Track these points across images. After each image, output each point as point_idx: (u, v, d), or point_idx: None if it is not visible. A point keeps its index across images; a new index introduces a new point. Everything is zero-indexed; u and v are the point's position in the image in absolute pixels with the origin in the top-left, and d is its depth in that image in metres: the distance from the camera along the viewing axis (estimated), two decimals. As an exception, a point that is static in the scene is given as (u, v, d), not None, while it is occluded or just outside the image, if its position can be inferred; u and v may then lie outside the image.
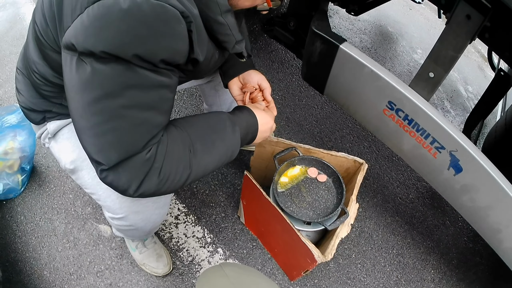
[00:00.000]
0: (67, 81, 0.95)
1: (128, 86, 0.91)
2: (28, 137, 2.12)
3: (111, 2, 0.83)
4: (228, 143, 1.21)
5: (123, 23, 0.84)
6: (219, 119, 1.22)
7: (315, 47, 1.65)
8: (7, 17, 3.39)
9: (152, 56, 0.90)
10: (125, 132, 0.96)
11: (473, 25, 1.28)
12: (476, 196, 1.48)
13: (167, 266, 1.91)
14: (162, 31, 0.88)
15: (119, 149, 0.97)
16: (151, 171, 1.01)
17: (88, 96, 0.92)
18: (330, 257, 1.49)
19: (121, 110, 0.93)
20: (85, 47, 0.87)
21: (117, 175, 0.99)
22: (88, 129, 0.96)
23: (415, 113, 1.45)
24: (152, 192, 1.05)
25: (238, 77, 1.49)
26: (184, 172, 1.08)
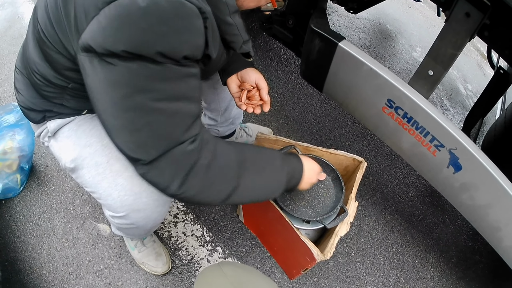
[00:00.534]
0: (91, 83, 0.96)
1: (156, 79, 0.93)
2: (26, 136, 2.12)
3: (128, 2, 0.83)
4: (276, 177, 1.27)
5: (143, 21, 0.85)
6: (271, 152, 1.29)
7: (314, 45, 1.65)
8: (5, 16, 3.39)
9: (174, 52, 0.91)
10: (160, 124, 0.97)
11: (473, 22, 1.29)
12: (475, 194, 1.48)
13: (166, 265, 1.91)
14: (182, 27, 0.89)
15: (157, 142, 0.98)
16: (196, 166, 1.03)
17: (118, 94, 0.93)
18: (329, 256, 1.49)
19: (153, 104, 0.94)
20: (105, 48, 0.87)
21: (158, 169, 1.01)
22: (122, 127, 0.97)
23: (414, 111, 1.45)
24: (193, 194, 1.07)
25: (237, 74, 1.50)
26: (231, 182, 1.12)
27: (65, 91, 1.21)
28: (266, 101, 1.47)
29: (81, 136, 1.32)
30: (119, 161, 1.29)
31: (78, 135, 1.32)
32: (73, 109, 1.30)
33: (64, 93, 1.22)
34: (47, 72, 1.17)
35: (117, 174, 1.29)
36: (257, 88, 1.48)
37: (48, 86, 1.21)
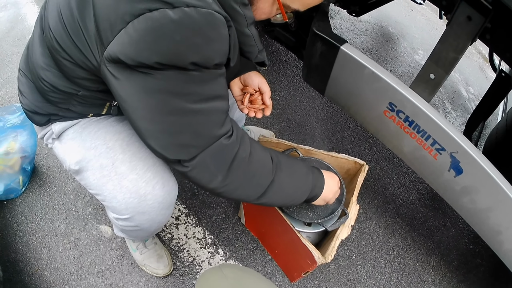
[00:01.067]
0: (122, 93, 0.98)
1: (192, 83, 0.96)
2: (29, 138, 2.13)
3: (158, 15, 0.85)
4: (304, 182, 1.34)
5: (177, 34, 0.86)
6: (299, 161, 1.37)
7: (316, 48, 1.65)
8: (8, 17, 3.40)
9: (207, 61, 0.94)
10: (200, 124, 1.02)
11: (474, 26, 1.29)
12: (476, 198, 1.48)
13: (168, 267, 1.91)
14: (214, 36, 0.92)
15: (198, 141, 1.03)
16: (237, 159, 1.09)
17: (155, 100, 0.96)
18: (330, 259, 1.49)
19: (191, 105, 0.98)
20: (138, 61, 0.89)
21: (202, 165, 1.06)
22: (161, 132, 1.01)
23: (416, 114, 1.45)
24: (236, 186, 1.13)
25: (239, 78, 1.50)
26: (268, 176, 1.18)
27: (72, 97, 1.22)
28: (268, 105, 1.48)
29: (86, 138, 1.32)
30: (124, 163, 1.30)
31: (83, 138, 1.33)
32: (79, 113, 1.31)
33: (71, 99, 1.23)
34: (56, 80, 1.17)
35: (122, 176, 1.29)
36: (260, 92, 1.48)
37: (54, 92, 1.21)
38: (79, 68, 1.08)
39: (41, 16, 1.18)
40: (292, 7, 1.11)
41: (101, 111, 1.33)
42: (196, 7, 0.86)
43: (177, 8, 0.85)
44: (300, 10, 1.14)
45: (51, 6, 1.10)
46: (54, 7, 1.07)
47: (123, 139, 1.33)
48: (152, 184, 1.30)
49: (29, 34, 3.18)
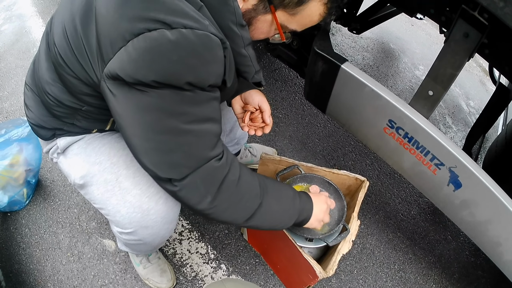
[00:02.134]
0: (119, 109, 1.00)
1: (187, 103, 0.98)
2: (34, 151, 2.15)
3: (157, 35, 0.88)
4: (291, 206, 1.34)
5: (174, 54, 0.89)
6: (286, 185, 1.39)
7: (317, 67, 1.67)
8: (13, 29, 3.44)
9: (202, 82, 0.97)
10: (192, 144, 1.03)
11: (471, 42, 1.31)
12: (475, 211, 1.50)
13: (171, 281, 1.92)
14: (209, 59, 0.95)
15: (189, 161, 1.04)
16: (227, 181, 1.10)
17: (150, 118, 0.98)
18: (331, 273, 1.50)
19: (185, 126, 1.00)
20: (136, 79, 0.92)
21: (191, 186, 1.06)
22: (154, 150, 1.02)
23: (415, 131, 1.47)
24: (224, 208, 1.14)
25: (240, 95, 1.52)
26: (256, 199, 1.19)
27: (77, 112, 1.24)
28: (267, 124, 1.49)
29: (91, 153, 1.35)
30: (128, 179, 1.32)
31: (87, 153, 1.35)
32: (83, 129, 1.33)
33: (76, 114, 1.25)
34: (61, 94, 1.19)
35: (126, 191, 1.31)
36: (260, 110, 1.50)
37: (60, 107, 1.23)
38: (82, 83, 1.10)
39: (47, 31, 1.21)
40: (290, 27, 1.14)
41: (105, 127, 1.35)
42: (193, 28, 0.90)
43: (174, 29, 0.88)
44: (297, 31, 1.17)
45: (56, 22, 1.13)
46: (59, 23, 1.10)
47: (127, 155, 1.35)
48: (155, 199, 1.32)
49: (34, 47, 3.22)
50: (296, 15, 1.10)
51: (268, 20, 1.11)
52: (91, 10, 0.99)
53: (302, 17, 1.11)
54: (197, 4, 0.97)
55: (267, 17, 1.10)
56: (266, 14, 1.09)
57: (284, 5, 1.08)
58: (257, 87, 1.33)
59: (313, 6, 1.08)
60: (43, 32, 1.25)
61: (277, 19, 1.10)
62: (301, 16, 1.10)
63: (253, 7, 1.08)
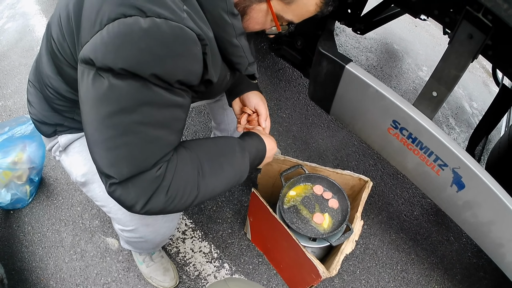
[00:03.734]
0: (83, 94, 0.97)
1: (143, 103, 0.93)
2: (37, 149, 2.16)
3: (131, 21, 0.86)
4: (237, 167, 1.24)
5: (142, 42, 0.87)
6: (228, 144, 1.25)
7: (321, 67, 1.67)
8: (16, 28, 3.45)
9: (169, 76, 0.92)
10: (138, 148, 0.97)
11: (475, 44, 1.31)
12: (478, 212, 1.50)
13: (174, 280, 1.92)
14: (180, 52, 0.91)
15: (131, 164, 0.98)
16: (159, 189, 1.02)
17: (104, 110, 0.94)
18: (334, 273, 1.50)
19: (135, 126, 0.95)
20: (104, 63, 0.89)
21: (126, 190, 1.00)
22: (101, 142, 0.98)
23: (419, 131, 1.47)
24: (158, 210, 1.06)
25: (240, 97, 1.51)
26: (191, 193, 1.10)
27: (76, 105, 1.24)
28: (263, 128, 1.47)
29: None
30: None
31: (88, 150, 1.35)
32: None
33: (75, 107, 1.25)
34: (60, 86, 1.19)
35: None
36: (257, 114, 1.48)
37: (60, 100, 1.23)
38: (73, 69, 1.10)
39: (47, 25, 1.21)
40: (286, 18, 1.10)
41: None
42: (167, 19, 0.88)
43: (149, 17, 0.87)
44: (294, 22, 1.13)
45: (54, 15, 1.14)
46: (56, 14, 1.11)
47: None
48: None
49: (37, 45, 3.23)
50: (292, 4, 1.06)
51: (263, 9, 1.08)
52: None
53: (298, 7, 1.07)
54: None
55: (262, 6, 1.07)
56: (261, 3, 1.06)
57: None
58: (251, 80, 1.30)
59: None
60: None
61: (272, 8, 1.07)
62: (296, 5, 1.07)
63: None
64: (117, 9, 0.87)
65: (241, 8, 1.05)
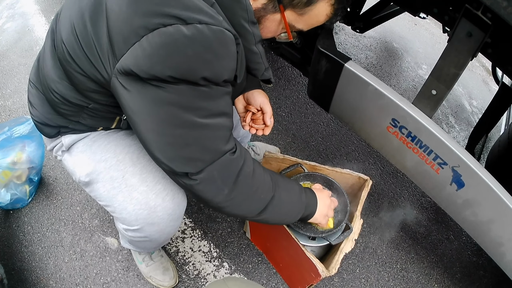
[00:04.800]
0: (133, 106, 1.00)
1: (202, 98, 0.99)
2: (37, 149, 2.16)
3: (173, 30, 0.89)
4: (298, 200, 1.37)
5: (189, 49, 0.90)
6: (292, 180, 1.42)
7: (320, 65, 1.67)
8: (15, 27, 3.45)
9: (217, 77, 0.98)
10: (207, 138, 1.05)
11: (474, 42, 1.30)
12: (478, 210, 1.49)
13: (173, 279, 1.92)
14: (224, 54, 0.96)
15: (205, 155, 1.05)
16: (242, 173, 1.12)
17: (165, 113, 0.98)
18: (334, 272, 1.51)
19: (200, 120, 1.01)
20: (151, 74, 0.92)
21: (208, 179, 1.08)
22: (169, 144, 1.03)
23: (418, 130, 1.47)
24: (240, 201, 1.16)
25: (243, 95, 1.52)
26: (269, 192, 1.21)
27: (83, 110, 1.24)
28: (268, 125, 1.50)
29: (96, 151, 1.35)
30: (134, 176, 1.32)
31: (93, 150, 1.35)
32: (88, 127, 1.33)
33: (81, 112, 1.25)
34: (67, 92, 1.19)
35: (133, 188, 1.31)
36: (262, 112, 1.50)
37: (65, 105, 1.23)
38: (90, 80, 1.10)
39: (52, 29, 1.21)
40: (297, 27, 1.16)
41: (111, 125, 1.35)
42: (208, 24, 0.91)
43: (190, 24, 0.89)
44: (304, 30, 1.18)
45: (63, 19, 1.13)
46: (67, 20, 1.10)
47: (133, 152, 1.36)
48: (162, 196, 1.32)
49: (37, 45, 3.22)
50: (304, 15, 1.12)
51: (276, 19, 1.13)
52: (101, 6, 0.99)
53: (310, 17, 1.13)
54: (209, 0, 0.98)
55: (276, 16, 1.12)
56: (275, 13, 1.11)
57: (293, 5, 1.09)
58: (266, 84, 1.33)
59: (321, 7, 1.10)
60: (47, 30, 1.25)
61: (285, 19, 1.12)
62: (308, 16, 1.12)
63: (263, 6, 1.10)
64: (154, 19, 0.90)
65: (256, 18, 1.08)
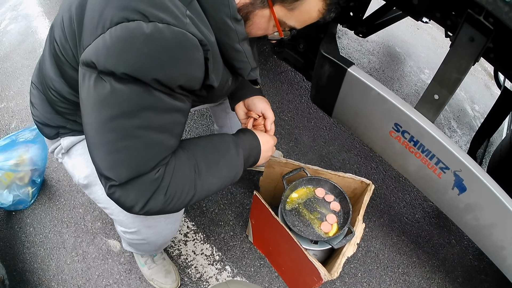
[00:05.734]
0: (84, 97, 0.98)
1: (144, 107, 0.94)
2: (40, 151, 2.17)
3: (134, 26, 0.87)
4: (232, 164, 1.24)
5: (145, 47, 0.88)
6: (223, 141, 1.25)
7: (323, 70, 1.67)
8: (19, 29, 3.46)
9: (170, 81, 0.93)
10: (138, 151, 0.98)
11: (477, 47, 1.30)
12: (479, 215, 1.49)
13: (175, 282, 1.93)
14: (182, 57, 0.92)
15: (131, 167, 0.99)
16: (158, 190, 1.04)
17: (105, 113, 0.94)
18: (336, 276, 1.50)
19: (136, 130, 0.96)
20: (106, 67, 0.90)
21: (125, 192, 1.01)
22: (102, 145, 0.98)
23: (420, 134, 1.47)
24: (157, 211, 1.07)
25: (244, 101, 1.51)
26: (189, 192, 1.11)
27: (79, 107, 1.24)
28: (269, 131, 1.47)
29: None
30: None
31: None
32: None
33: (78, 110, 1.25)
34: (63, 88, 1.20)
35: None
36: (263, 117, 1.48)
37: (62, 102, 1.24)
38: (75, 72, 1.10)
39: (51, 28, 1.21)
40: (288, 24, 1.11)
41: None
42: (169, 24, 0.88)
43: (151, 22, 0.87)
44: (296, 28, 1.13)
45: (58, 17, 1.14)
46: (59, 16, 1.11)
47: None
48: None
49: (40, 47, 3.24)
50: (295, 10, 1.06)
51: (266, 15, 1.08)
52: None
53: (301, 13, 1.08)
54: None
55: (265, 12, 1.07)
56: (263, 8, 1.06)
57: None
58: (253, 85, 1.31)
59: (312, 1, 1.05)
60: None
61: (274, 14, 1.07)
62: (299, 11, 1.07)
63: (250, 1, 1.05)
64: (120, 13, 0.88)
65: (244, 14, 1.05)
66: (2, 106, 2.76)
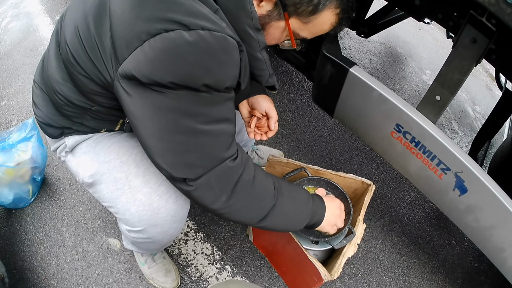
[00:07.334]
0: (133, 109, 1.00)
1: (203, 104, 0.99)
2: (40, 149, 2.16)
3: (174, 36, 0.88)
4: (303, 208, 1.34)
5: (191, 55, 0.90)
6: (299, 188, 1.37)
7: (325, 70, 1.67)
8: (20, 27, 3.45)
9: (219, 84, 0.97)
10: (207, 145, 1.04)
11: (478, 48, 1.31)
12: (480, 216, 1.49)
13: (175, 281, 1.92)
14: (226, 60, 0.96)
15: (204, 161, 1.05)
16: (241, 181, 1.11)
17: (166, 119, 0.98)
18: (336, 276, 1.50)
19: (201, 126, 1.01)
20: (152, 79, 0.92)
21: (206, 185, 1.08)
22: (170, 150, 1.03)
23: (422, 135, 1.47)
24: (238, 208, 1.15)
25: (247, 100, 1.52)
26: (270, 200, 1.20)
27: (86, 112, 1.24)
28: (272, 130, 1.50)
29: (100, 152, 1.35)
30: (138, 177, 1.32)
31: (96, 152, 1.35)
32: (92, 128, 1.33)
33: (85, 114, 1.26)
34: (71, 94, 1.19)
35: (136, 190, 1.32)
36: (267, 117, 1.50)
37: (69, 106, 1.23)
38: (93, 83, 1.11)
39: (57, 30, 1.21)
40: (301, 34, 1.16)
41: (114, 128, 1.36)
42: (210, 30, 0.90)
43: (192, 30, 0.89)
44: (307, 38, 1.18)
45: (68, 21, 1.14)
46: (71, 22, 1.11)
47: (137, 154, 1.36)
48: (165, 197, 1.33)
49: (41, 45, 3.23)
50: (309, 23, 1.12)
51: (281, 26, 1.13)
52: (104, 9, 0.99)
53: (314, 26, 1.13)
54: (213, 7, 0.98)
55: (280, 24, 1.12)
56: (279, 20, 1.11)
57: (298, 13, 1.09)
58: (270, 91, 1.33)
59: (326, 16, 1.10)
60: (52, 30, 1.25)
61: (290, 27, 1.12)
62: (313, 24, 1.12)
63: (267, 13, 1.09)
64: (156, 24, 0.90)
65: (260, 24, 1.08)
66: (3, 104, 2.76)
